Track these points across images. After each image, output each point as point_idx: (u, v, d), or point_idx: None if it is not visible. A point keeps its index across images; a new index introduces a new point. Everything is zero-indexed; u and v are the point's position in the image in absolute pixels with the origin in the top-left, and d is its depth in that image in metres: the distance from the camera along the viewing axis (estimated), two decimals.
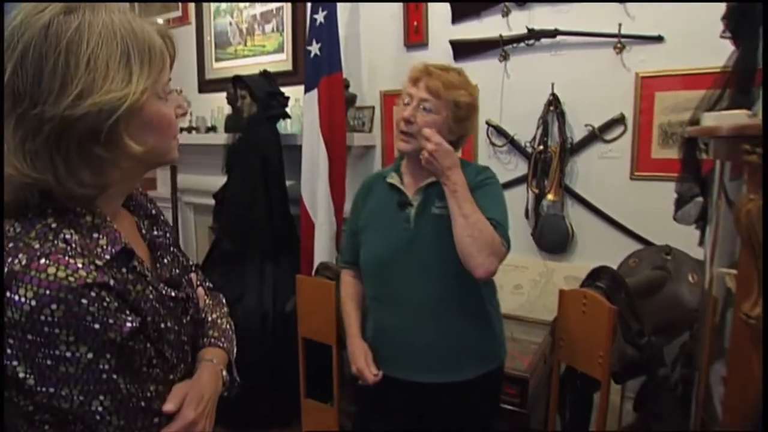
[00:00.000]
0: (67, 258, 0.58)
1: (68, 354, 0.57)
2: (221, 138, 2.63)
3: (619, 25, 1.87)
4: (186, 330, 0.75)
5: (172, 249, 0.83)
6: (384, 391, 1.35)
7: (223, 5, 3.09)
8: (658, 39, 1.83)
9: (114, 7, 0.63)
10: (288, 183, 2.43)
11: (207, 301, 0.89)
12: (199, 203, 3.17)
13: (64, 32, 0.58)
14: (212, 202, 2.59)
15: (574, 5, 1.99)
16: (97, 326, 0.58)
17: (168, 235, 0.84)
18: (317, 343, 1.94)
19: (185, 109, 0.74)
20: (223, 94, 2.81)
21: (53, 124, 0.57)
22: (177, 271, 0.81)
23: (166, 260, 0.79)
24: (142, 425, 0.65)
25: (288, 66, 2.76)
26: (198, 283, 0.88)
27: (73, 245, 0.60)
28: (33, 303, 0.55)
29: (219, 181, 2.52)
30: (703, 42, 1.73)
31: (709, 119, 0.97)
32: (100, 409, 0.60)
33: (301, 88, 2.41)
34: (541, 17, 2.06)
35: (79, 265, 0.58)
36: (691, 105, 1.76)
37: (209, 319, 0.87)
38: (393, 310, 1.34)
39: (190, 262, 0.89)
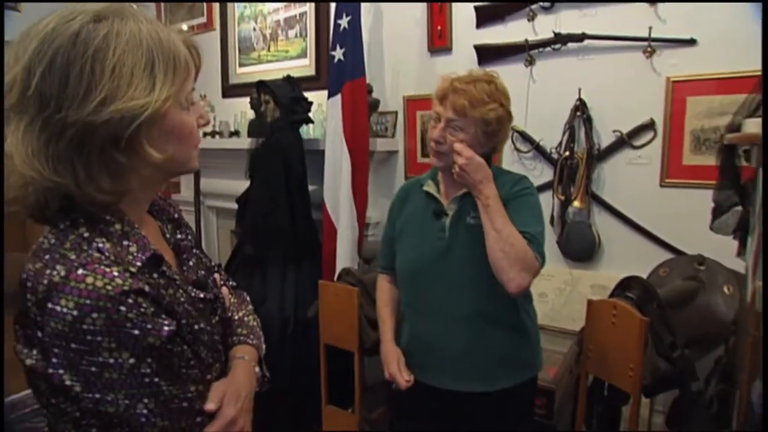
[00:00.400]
0: (103, 267, 0.59)
1: (111, 360, 0.59)
2: (244, 142, 2.65)
3: (650, 28, 1.83)
4: (216, 330, 0.76)
5: (195, 251, 0.85)
6: (417, 398, 1.35)
7: (247, 11, 3.13)
8: (691, 42, 1.78)
9: (142, 16, 0.64)
10: (310, 188, 2.43)
11: (232, 300, 0.90)
12: (221, 207, 3.20)
13: (92, 40, 0.59)
14: (235, 206, 2.61)
15: (602, 9, 1.95)
16: (136, 332, 0.59)
17: (190, 237, 0.86)
18: (338, 348, 1.93)
19: (207, 120, 0.75)
20: (247, 99, 2.84)
21: (76, 129, 0.58)
22: (202, 272, 0.83)
23: (191, 263, 0.81)
24: (186, 425, 0.67)
25: (311, 71, 2.77)
26: (222, 282, 0.89)
27: (107, 254, 0.61)
28: (75, 313, 0.57)
29: (241, 185, 2.54)
30: (737, 45, 1.69)
31: (752, 125, 0.94)
32: (144, 411, 0.62)
33: (324, 93, 2.42)
34: (567, 21, 2.02)
35: (115, 274, 0.59)
36: (726, 110, 1.72)
37: (236, 317, 0.89)
38: (427, 317, 1.33)
39: (213, 263, 0.91)
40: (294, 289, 2.28)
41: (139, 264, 0.64)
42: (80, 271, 0.58)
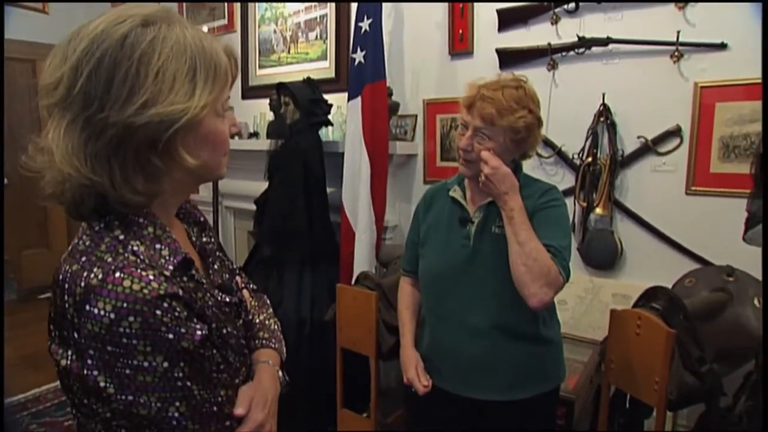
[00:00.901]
0: (139, 271, 0.59)
1: (145, 363, 0.59)
2: (263, 144, 2.66)
3: (678, 32, 1.79)
4: (241, 333, 0.77)
5: (218, 254, 0.85)
6: (435, 403, 1.34)
7: (268, 13, 3.15)
8: (722, 47, 1.73)
9: (188, 23, 0.65)
10: (328, 190, 2.43)
11: (252, 303, 0.91)
12: (239, 208, 3.22)
13: (139, 44, 0.60)
14: (252, 207, 2.62)
15: (628, 12, 1.91)
16: (171, 336, 0.60)
17: (214, 240, 0.86)
18: (354, 352, 1.92)
19: (239, 128, 0.76)
20: (266, 101, 2.85)
21: (116, 130, 0.59)
22: (227, 276, 0.83)
23: (216, 266, 0.81)
24: (215, 429, 0.67)
25: (331, 73, 2.78)
26: (242, 285, 0.90)
27: (141, 257, 0.62)
28: (112, 316, 0.57)
29: (259, 186, 2.55)
30: None
31: None
32: (176, 415, 0.62)
33: (343, 95, 2.42)
34: (592, 25, 1.99)
35: (151, 277, 0.59)
36: (757, 117, 1.68)
37: (257, 321, 0.89)
38: (447, 324, 1.32)
39: (234, 266, 0.91)
40: (311, 291, 2.27)
41: (171, 268, 0.64)
42: (117, 274, 0.58)
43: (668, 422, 1.77)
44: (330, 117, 2.47)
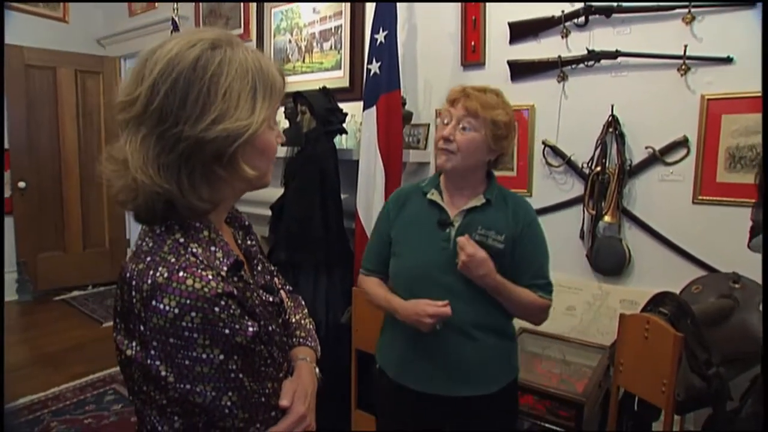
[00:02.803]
0: (199, 270, 0.65)
1: (204, 356, 0.64)
2: (279, 151, 2.71)
3: (685, 46, 1.85)
4: (281, 331, 0.82)
5: (260, 257, 0.90)
6: (407, 403, 1.38)
7: (283, 24, 3.23)
8: (728, 60, 1.79)
9: (245, 45, 0.72)
10: (342, 196, 2.49)
11: (289, 303, 0.96)
12: (252, 213, 3.28)
13: (210, 66, 0.66)
14: (266, 212, 2.68)
15: (636, 27, 1.97)
16: (227, 331, 0.65)
17: (257, 243, 0.91)
18: (368, 354, 1.97)
19: (284, 139, 0.81)
20: (281, 109, 2.92)
21: (188, 143, 0.65)
22: (268, 277, 0.88)
23: (259, 268, 0.87)
24: (262, 418, 0.72)
25: (345, 83, 2.85)
26: (279, 286, 0.94)
27: (200, 258, 0.67)
28: (176, 311, 0.62)
29: (273, 192, 2.61)
30: None
31: None
32: (228, 404, 0.67)
33: (357, 104, 2.48)
34: (601, 39, 2.05)
35: (210, 277, 0.65)
36: None
37: (293, 320, 0.94)
38: None
39: (273, 268, 0.96)
40: (325, 295, 2.33)
41: (225, 269, 0.69)
42: (181, 274, 0.64)
43: (676, 426, 1.81)
44: (344, 125, 2.54)
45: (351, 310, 1.99)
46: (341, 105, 2.54)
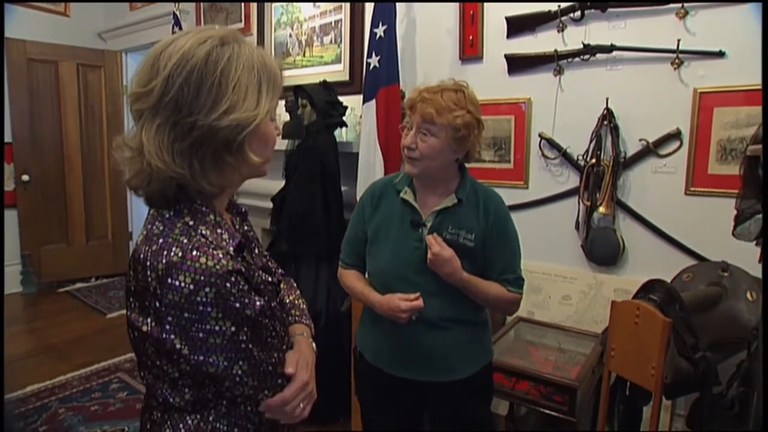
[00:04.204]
0: (211, 250, 0.70)
1: (216, 328, 0.69)
2: (280, 144, 2.77)
3: (678, 41, 1.88)
4: (279, 309, 0.87)
5: (256, 241, 0.96)
6: (389, 389, 1.44)
7: (284, 18, 3.26)
8: (720, 54, 1.83)
9: (250, 42, 0.77)
10: (342, 188, 2.54)
11: (282, 285, 1.01)
12: (253, 205, 3.32)
13: (220, 60, 0.71)
14: (267, 204, 2.73)
15: (631, 21, 2.01)
16: (237, 305, 0.70)
17: (251, 228, 0.98)
18: None
19: (280, 131, 0.87)
20: (281, 102, 2.96)
21: (201, 132, 0.70)
22: (264, 260, 0.94)
23: (257, 251, 0.92)
24: (270, 385, 0.78)
25: (345, 76, 2.88)
26: (273, 269, 1.00)
27: (209, 239, 0.72)
28: (191, 287, 0.67)
29: (274, 184, 2.65)
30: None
31: None
32: (239, 372, 0.73)
33: (356, 97, 2.52)
34: (596, 33, 2.08)
35: (221, 256, 0.70)
36: (753, 121, 1.77)
37: (287, 300, 1.00)
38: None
39: (266, 252, 1.02)
40: (326, 285, 2.38)
41: (231, 249, 0.74)
42: (194, 252, 0.69)
43: (667, 412, 1.86)
44: (344, 118, 2.58)
45: (350, 299, 2.03)
46: (341, 98, 2.58)
